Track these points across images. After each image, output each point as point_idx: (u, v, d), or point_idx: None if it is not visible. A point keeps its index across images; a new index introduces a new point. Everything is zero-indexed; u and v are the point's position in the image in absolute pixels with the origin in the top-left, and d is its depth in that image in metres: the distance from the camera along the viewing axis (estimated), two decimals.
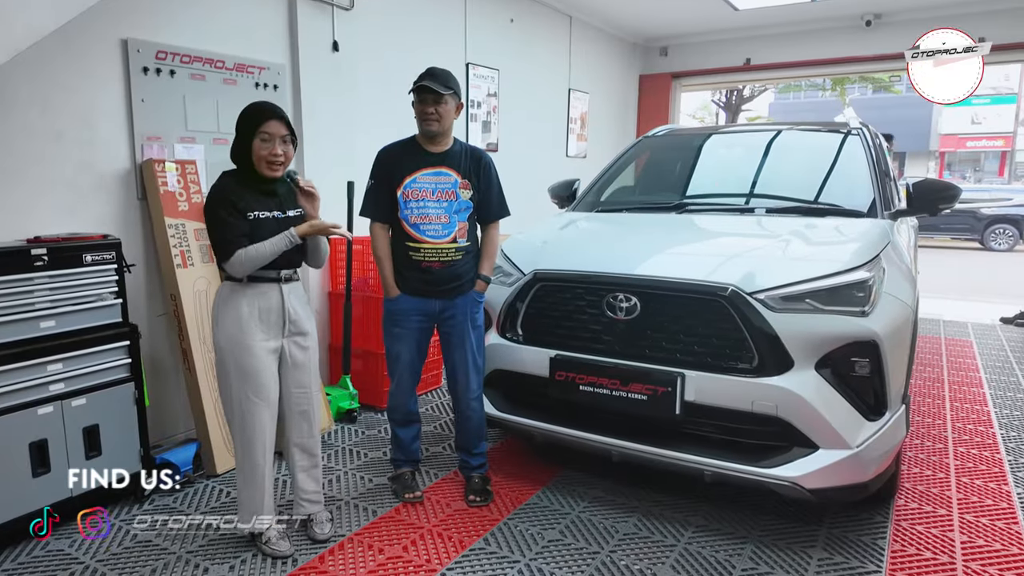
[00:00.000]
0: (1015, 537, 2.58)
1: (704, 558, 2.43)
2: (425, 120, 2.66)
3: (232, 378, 2.33)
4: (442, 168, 2.71)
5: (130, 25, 3.05)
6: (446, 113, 2.65)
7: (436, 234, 2.69)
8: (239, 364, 2.31)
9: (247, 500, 2.43)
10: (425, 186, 2.69)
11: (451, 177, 2.71)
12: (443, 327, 2.82)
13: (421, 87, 2.61)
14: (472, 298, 2.79)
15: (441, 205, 2.70)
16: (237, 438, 2.39)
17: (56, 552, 2.44)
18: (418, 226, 2.69)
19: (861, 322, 2.30)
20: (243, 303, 2.30)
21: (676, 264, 2.66)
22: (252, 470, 2.39)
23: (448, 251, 2.70)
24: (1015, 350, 5.45)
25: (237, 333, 2.29)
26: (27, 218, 2.76)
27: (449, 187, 2.71)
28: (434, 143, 2.73)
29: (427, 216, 2.69)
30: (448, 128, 2.71)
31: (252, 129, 2.27)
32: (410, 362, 2.83)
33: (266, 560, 2.39)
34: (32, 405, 2.47)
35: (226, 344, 2.31)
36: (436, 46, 4.95)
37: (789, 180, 3.53)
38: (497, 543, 2.53)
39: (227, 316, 2.31)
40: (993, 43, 5.63)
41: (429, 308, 2.75)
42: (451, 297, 2.75)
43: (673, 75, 8.14)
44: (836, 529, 2.63)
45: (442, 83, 2.62)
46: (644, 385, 2.49)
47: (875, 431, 2.32)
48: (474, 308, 2.80)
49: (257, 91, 3.58)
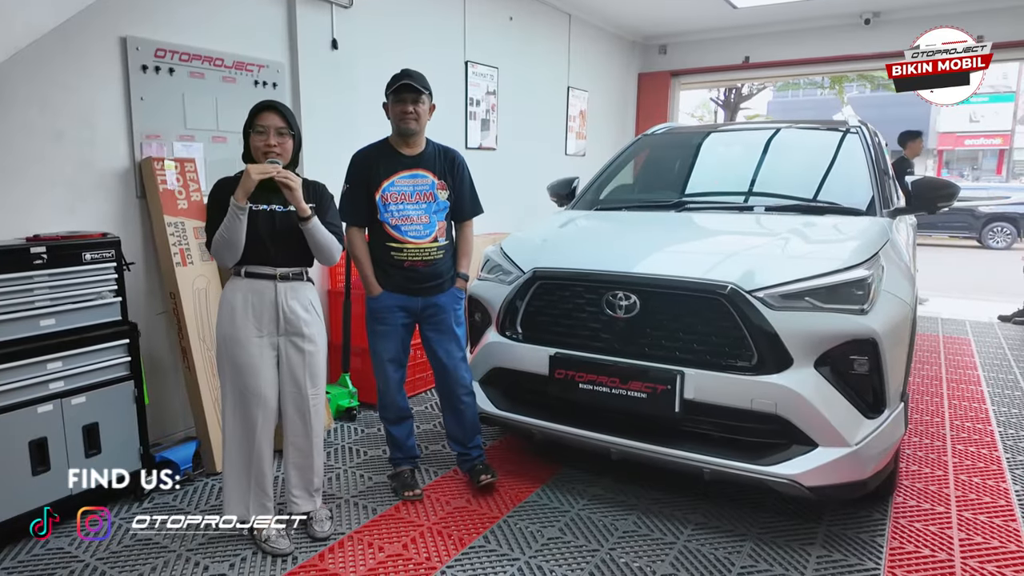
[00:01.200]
0: (1013, 534, 2.59)
1: (703, 555, 2.44)
2: (403, 119, 2.69)
3: (226, 371, 2.38)
4: (418, 171, 2.76)
5: (129, 23, 3.04)
6: (423, 112, 2.71)
7: (418, 234, 2.73)
8: (232, 358, 2.36)
9: (231, 491, 2.46)
10: (404, 189, 2.73)
11: (428, 179, 2.76)
12: (425, 325, 2.85)
13: (401, 86, 2.65)
14: (453, 295, 2.84)
15: (420, 206, 2.74)
16: (229, 429, 2.42)
17: (56, 550, 2.45)
18: (399, 227, 2.72)
19: (860, 320, 2.31)
20: (238, 297, 2.35)
21: (675, 262, 2.67)
22: (240, 460, 2.43)
23: (430, 250, 2.75)
24: (1013, 348, 5.46)
25: (229, 327, 2.35)
26: (27, 216, 2.76)
27: (427, 188, 2.75)
28: (409, 145, 2.76)
29: (408, 217, 2.72)
30: (423, 128, 2.75)
31: (249, 123, 2.33)
32: (396, 358, 2.86)
33: (266, 558, 2.39)
34: (32, 403, 2.47)
35: (221, 337, 2.37)
36: (435, 44, 4.95)
37: (788, 178, 3.53)
38: (497, 541, 2.53)
39: (223, 309, 2.37)
40: (992, 41, 5.63)
41: (412, 305, 2.79)
42: (432, 295, 2.79)
43: (672, 73, 8.14)
44: (835, 526, 2.64)
45: (419, 83, 2.68)
46: (643, 383, 2.49)
47: (874, 429, 2.32)
48: (456, 304, 2.85)
49: (256, 89, 3.58)
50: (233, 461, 2.44)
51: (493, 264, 3.05)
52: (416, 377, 4.15)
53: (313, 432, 2.52)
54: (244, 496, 2.46)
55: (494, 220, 4.76)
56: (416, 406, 4.02)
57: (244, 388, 2.37)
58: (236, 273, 2.38)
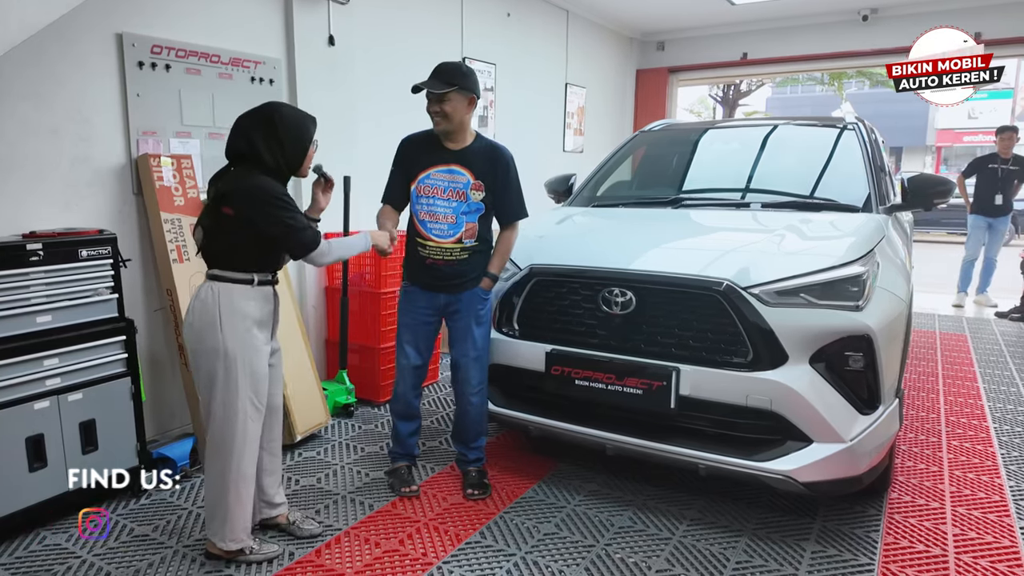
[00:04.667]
0: (1007, 529, 2.60)
1: (699, 551, 2.45)
2: (432, 119, 2.65)
3: (241, 387, 2.19)
4: (456, 167, 2.69)
5: (125, 19, 3.03)
6: (452, 110, 2.60)
7: (442, 233, 2.69)
8: (252, 371, 2.20)
9: (240, 516, 2.28)
10: (438, 183, 2.69)
11: (464, 177, 2.69)
12: (449, 321, 2.84)
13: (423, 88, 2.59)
14: (477, 294, 2.78)
15: (450, 204, 2.68)
16: (238, 451, 2.23)
17: (53, 547, 2.45)
18: (425, 223, 2.70)
19: (855, 316, 2.31)
20: (252, 307, 2.21)
21: (671, 259, 2.67)
22: (249, 483, 2.29)
23: (453, 251, 2.70)
24: (1009, 344, 5.47)
25: (249, 338, 2.19)
26: (22, 213, 2.76)
27: (461, 187, 2.69)
28: (451, 139, 2.70)
29: (435, 214, 2.69)
30: (460, 124, 2.66)
31: (310, 138, 2.27)
32: (414, 351, 2.84)
33: None
34: (28, 400, 2.47)
35: (238, 351, 2.17)
36: (432, 40, 4.94)
37: (785, 175, 3.54)
38: (493, 536, 2.54)
39: (238, 321, 2.18)
40: (990, 38, 5.63)
41: (435, 302, 2.78)
42: (456, 292, 2.76)
43: (670, 70, 8.13)
44: (830, 522, 2.65)
45: (444, 80, 2.58)
46: (639, 379, 2.50)
47: (869, 425, 2.33)
48: (479, 304, 2.79)
49: (253, 85, 3.57)
50: (241, 485, 2.25)
51: None
52: None
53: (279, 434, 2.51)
54: (249, 521, 2.32)
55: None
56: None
57: (259, 401, 2.25)
58: (243, 282, 2.20)
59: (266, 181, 2.17)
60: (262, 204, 2.13)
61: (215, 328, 2.16)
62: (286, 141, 2.20)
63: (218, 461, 2.25)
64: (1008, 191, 6.71)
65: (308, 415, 3.40)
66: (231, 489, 2.25)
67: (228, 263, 2.20)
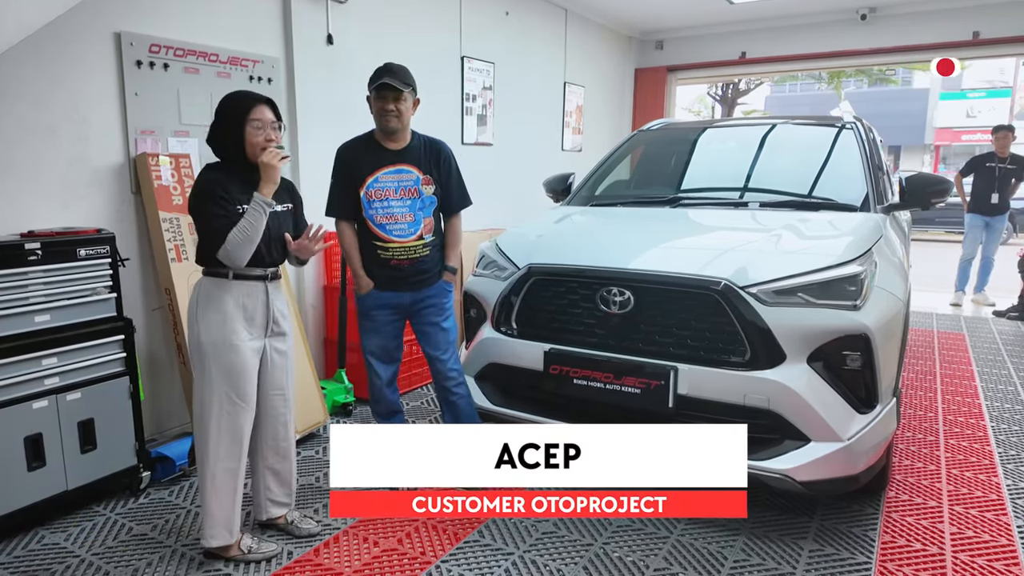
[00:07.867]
0: (1004, 528, 2.61)
1: (696, 550, 2.46)
2: (384, 117, 2.66)
3: (215, 379, 2.21)
4: (403, 166, 2.72)
5: (123, 18, 3.03)
6: (405, 110, 2.67)
7: (403, 233, 2.71)
8: (225, 364, 2.21)
9: (218, 511, 2.27)
10: (388, 185, 2.70)
11: (412, 174, 2.72)
12: (415, 320, 2.85)
13: (382, 84, 2.61)
14: (441, 287, 2.83)
15: (405, 203, 2.71)
16: (213, 443, 2.24)
17: (52, 545, 2.45)
18: (384, 226, 2.71)
19: (852, 316, 2.32)
20: (228, 300, 2.22)
21: (670, 258, 2.67)
22: (228, 478, 2.27)
23: (416, 248, 2.73)
24: (1007, 343, 5.48)
25: (223, 332, 2.20)
26: (21, 212, 2.76)
27: (412, 184, 2.72)
28: (393, 140, 2.73)
29: (392, 216, 2.70)
30: (406, 124, 2.72)
31: (242, 117, 2.19)
32: (384, 354, 2.86)
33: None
34: (27, 399, 2.47)
35: (210, 344, 2.20)
36: (431, 39, 4.93)
37: (783, 174, 3.54)
38: (491, 535, 2.54)
39: (211, 314, 2.21)
40: (987, 36, 5.64)
41: (400, 301, 2.79)
42: (419, 289, 2.79)
43: (669, 69, 8.13)
44: (827, 521, 2.65)
45: (401, 80, 2.63)
46: (638, 379, 2.50)
47: (866, 424, 2.34)
48: (444, 297, 2.84)
49: (251, 84, 3.57)
50: (217, 479, 2.25)
51: (488, 260, 3.04)
52: (411, 373, 4.15)
53: (291, 433, 2.49)
54: (229, 517, 2.30)
55: (489, 216, 4.77)
56: (413, 402, 4.03)
57: (237, 396, 2.24)
58: (218, 275, 2.23)
59: (201, 178, 2.24)
60: (192, 201, 2.24)
61: (194, 321, 2.25)
62: (220, 125, 2.25)
63: (198, 454, 2.31)
64: (1005, 190, 6.72)
65: (306, 414, 3.40)
66: (207, 483, 2.27)
67: (202, 258, 2.27)
